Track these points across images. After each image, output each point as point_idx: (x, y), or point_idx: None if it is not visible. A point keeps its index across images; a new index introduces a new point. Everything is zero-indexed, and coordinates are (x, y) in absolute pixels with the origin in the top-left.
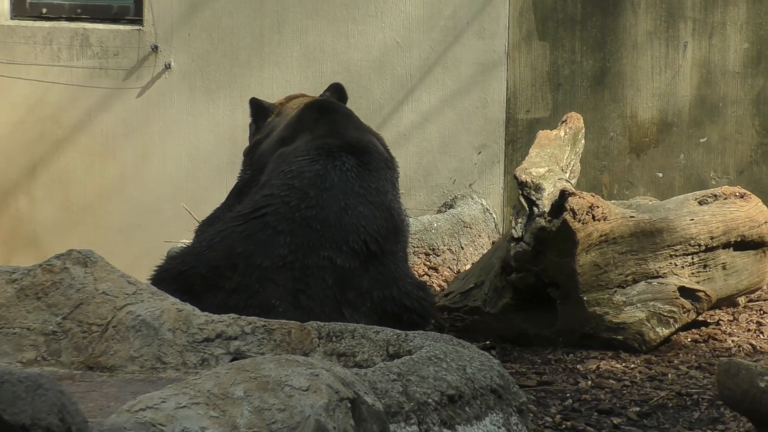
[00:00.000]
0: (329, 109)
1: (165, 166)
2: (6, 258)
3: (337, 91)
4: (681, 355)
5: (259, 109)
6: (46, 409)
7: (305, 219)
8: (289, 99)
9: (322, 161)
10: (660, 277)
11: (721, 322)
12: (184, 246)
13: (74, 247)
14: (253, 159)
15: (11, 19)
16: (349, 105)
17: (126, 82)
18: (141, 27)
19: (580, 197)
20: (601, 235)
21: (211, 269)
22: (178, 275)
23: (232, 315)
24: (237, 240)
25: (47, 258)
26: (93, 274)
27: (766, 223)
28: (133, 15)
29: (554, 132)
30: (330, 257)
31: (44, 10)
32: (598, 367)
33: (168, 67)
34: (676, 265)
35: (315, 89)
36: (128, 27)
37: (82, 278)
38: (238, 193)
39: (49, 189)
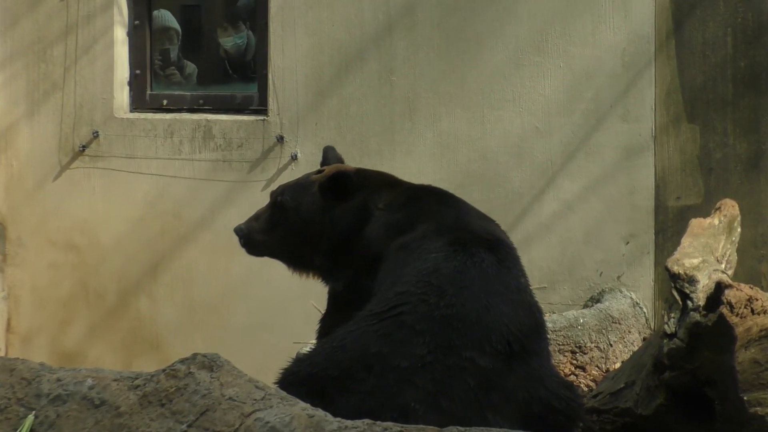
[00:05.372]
0: (444, 194)
1: None
2: (127, 362)
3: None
4: None
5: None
6: None
7: (445, 318)
8: (368, 173)
9: (459, 257)
10: None
11: None
12: (313, 348)
13: (198, 349)
14: (353, 249)
15: (131, 111)
16: (486, 194)
17: (250, 174)
18: (266, 117)
19: (737, 289)
20: (761, 330)
21: (344, 371)
22: (308, 378)
23: (367, 420)
24: (371, 340)
25: (170, 362)
26: (219, 379)
27: None
28: (257, 105)
29: (707, 220)
30: (472, 358)
31: (165, 102)
32: None
33: (294, 158)
34: None
35: (450, 178)
36: (252, 117)
37: (207, 384)
38: (345, 303)
39: (170, 288)
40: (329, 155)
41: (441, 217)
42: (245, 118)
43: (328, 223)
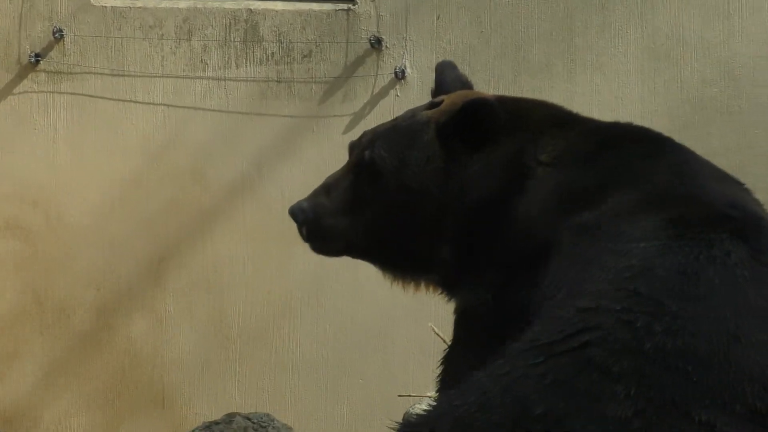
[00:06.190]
0: (657, 139)
1: None
2: (112, 428)
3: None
4: None
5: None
6: None
7: (662, 353)
8: (520, 104)
9: (686, 249)
10: None
11: None
12: (433, 404)
13: (235, 405)
14: (498, 235)
15: None
16: (734, 139)
17: (325, 105)
18: (351, 5)
19: None
20: None
21: None
22: None
23: None
24: (535, 391)
25: (189, 428)
26: None
27: None
28: None
29: None
30: (711, 422)
31: None
32: None
33: (400, 76)
34: None
35: (668, 111)
36: (328, 6)
37: None
38: (487, 327)
39: (187, 301)
40: (447, 76)
41: (652, 179)
42: (316, 7)
43: (454, 191)
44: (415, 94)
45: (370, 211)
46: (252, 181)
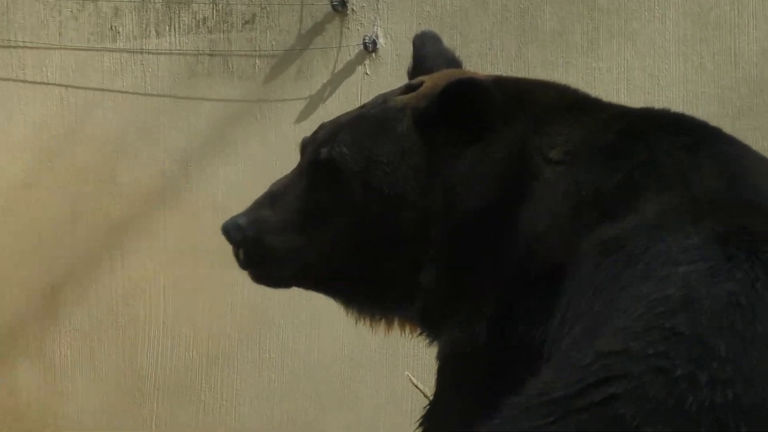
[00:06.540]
0: (701, 129)
1: None
2: None
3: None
4: None
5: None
6: None
7: (709, 410)
8: (522, 85)
9: (740, 273)
10: None
11: None
12: None
13: None
14: (497, 255)
15: None
16: None
17: (272, 85)
18: None
19: None
20: None
21: None
22: None
23: None
24: None
25: None
26: None
27: None
28: None
29: None
30: None
31: None
32: None
33: (370, 48)
34: None
35: (718, 93)
36: None
37: None
38: (481, 375)
39: (88, 342)
40: (429, 50)
41: (694, 180)
42: None
43: (437, 197)
44: (389, 72)
45: (329, 227)
46: (176, 184)
